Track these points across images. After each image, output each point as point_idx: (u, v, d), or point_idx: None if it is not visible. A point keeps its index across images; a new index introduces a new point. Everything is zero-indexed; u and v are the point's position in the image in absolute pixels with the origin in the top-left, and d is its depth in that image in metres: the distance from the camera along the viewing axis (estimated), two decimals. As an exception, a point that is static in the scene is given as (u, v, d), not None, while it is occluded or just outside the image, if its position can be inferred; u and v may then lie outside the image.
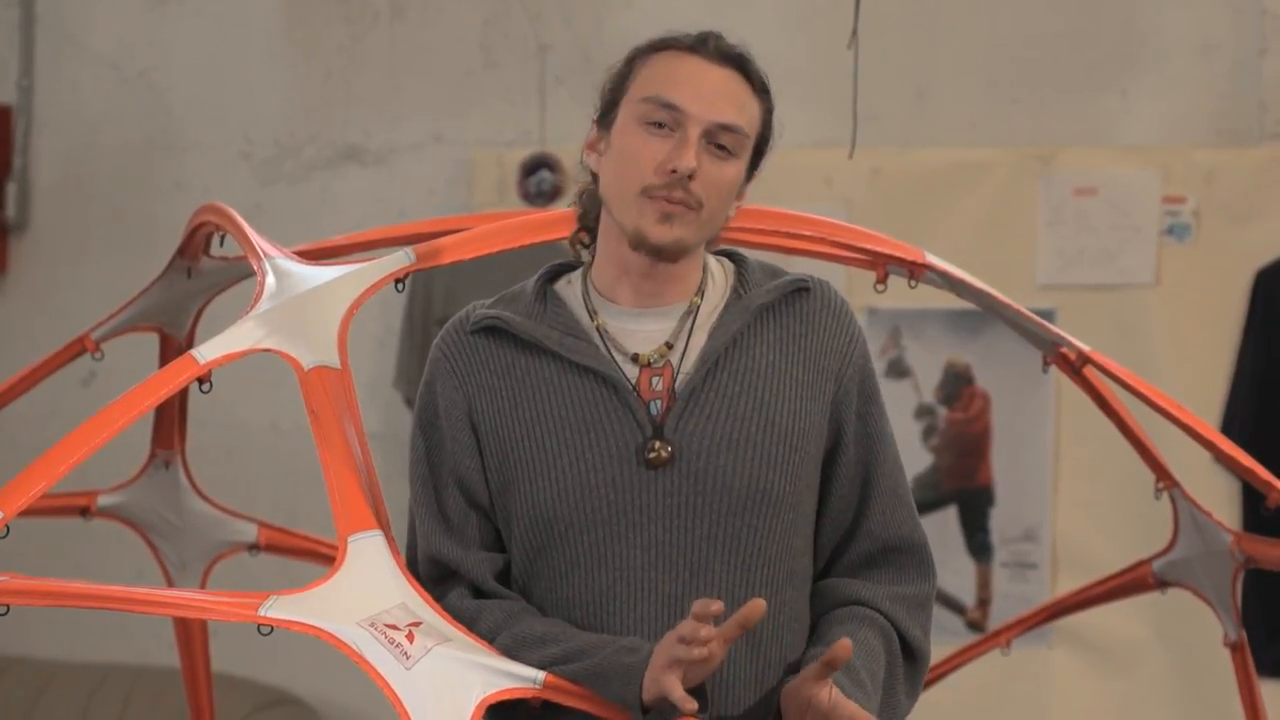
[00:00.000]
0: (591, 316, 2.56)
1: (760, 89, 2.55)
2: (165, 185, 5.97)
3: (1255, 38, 5.25)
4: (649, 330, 2.56)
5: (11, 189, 6.04)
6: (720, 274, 2.62)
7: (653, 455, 2.49)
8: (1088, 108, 5.35)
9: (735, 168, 2.52)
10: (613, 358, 2.53)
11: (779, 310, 2.59)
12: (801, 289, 2.60)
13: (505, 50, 5.74)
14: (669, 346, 2.54)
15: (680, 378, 2.53)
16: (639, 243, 2.50)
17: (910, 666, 2.60)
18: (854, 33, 3.39)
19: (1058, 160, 5.30)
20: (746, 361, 2.55)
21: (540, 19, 5.68)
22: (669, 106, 2.48)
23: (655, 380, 2.53)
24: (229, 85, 5.95)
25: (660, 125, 2.48)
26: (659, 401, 2.52)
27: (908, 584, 2.60)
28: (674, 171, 2.46)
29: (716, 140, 2.49)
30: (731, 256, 2.65)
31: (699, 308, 2.57)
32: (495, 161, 5.65)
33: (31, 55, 6.10)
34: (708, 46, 2.52)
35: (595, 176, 2.58)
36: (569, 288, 2.61)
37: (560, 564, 2.52)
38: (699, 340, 2.55)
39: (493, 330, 2.57)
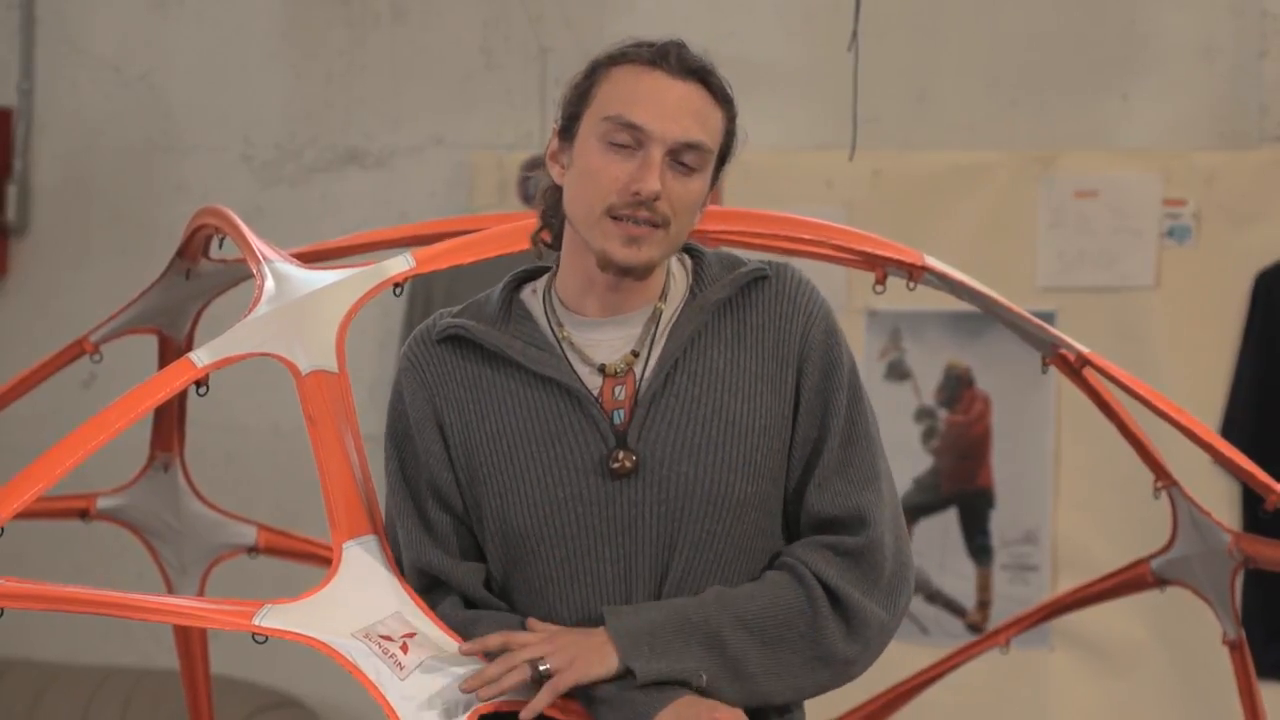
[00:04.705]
0: (556, 329, 2.54)
1: (723, 99, 2.50)
2: (166, 188, 5.97)
3: (1256, 40, 5.25)
4: (613, 339, 2.52)
5: (12, 191, 6.04)
6: (680, 274, 2.58)
7: (616, 465, 2.47)
8: (1088, 110, 5.34)
9: (700, 182, 2.48)
10: (573, 369, 2.51)
11: (736, 304, 2.54)
12: (759, 278, 2.55)
13: (506, 53, 5.74)
14: (635, 355, 2.51)
15: (642, 385, 2.50)
16: (606, 264, 2.47)
17: (835, 606, 2.45)
18: (854, 35, 3.40)
19: (1058, 163, 5.29)
20: (704, 363, 2.51)
21: (541, 22, 5.68)
22: (631, 127, 2.44)
23: (618, 389, 2.50)
24: (230, 88, 5.95)
25: (622, 145, 2.45)
26: (622, 411, 2.49)
27: (834, 536, 2.48)
28: (637, 194, 2.43)
29: (680, 158, 2.45)
30: (691, 252, 2.60)
31: (662, 313, 2.54)
32: (496, 164, 5.65)
33: (32, 58, 6.10)
34: (669, 60, 2.48)
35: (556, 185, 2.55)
36: (534, 298, 2.58)
37: (534, 579, 2.51)
38: (660, 345, 2.52)
39: (457, 340, 2.54)
